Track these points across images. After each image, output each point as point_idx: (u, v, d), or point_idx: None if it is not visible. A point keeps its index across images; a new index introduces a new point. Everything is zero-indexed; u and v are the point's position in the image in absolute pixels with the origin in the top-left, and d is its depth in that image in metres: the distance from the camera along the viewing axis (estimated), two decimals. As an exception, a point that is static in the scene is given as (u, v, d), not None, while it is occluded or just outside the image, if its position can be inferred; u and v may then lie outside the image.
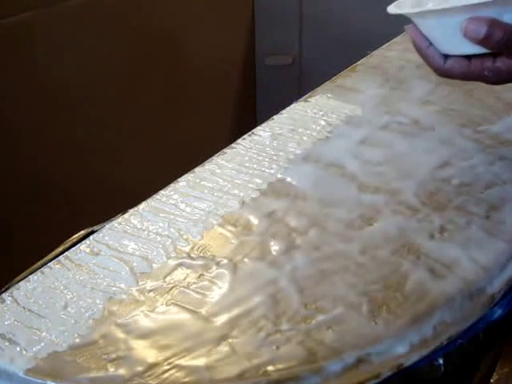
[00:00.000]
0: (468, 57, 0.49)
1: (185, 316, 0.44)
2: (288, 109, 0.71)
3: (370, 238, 0.51)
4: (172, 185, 0.59)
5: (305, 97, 0.74)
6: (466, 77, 0.50)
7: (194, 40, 1.33)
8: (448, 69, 0.50)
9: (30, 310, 0.45)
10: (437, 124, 0.66)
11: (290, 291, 0.46)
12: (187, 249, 0.50)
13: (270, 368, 0.40)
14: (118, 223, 0.54)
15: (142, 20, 1.21)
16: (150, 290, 0.46)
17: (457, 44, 0.48)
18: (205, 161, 0.62)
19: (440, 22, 0.49)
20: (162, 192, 0.58)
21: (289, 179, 0.58)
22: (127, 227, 0.53)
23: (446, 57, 0.50)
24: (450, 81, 0.53)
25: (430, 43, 0.51)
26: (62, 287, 0.47)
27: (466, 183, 0.56)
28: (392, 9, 0.52)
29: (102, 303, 0.46)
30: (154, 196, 0.57)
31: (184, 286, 0.47)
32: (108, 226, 0.54)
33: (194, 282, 0.47)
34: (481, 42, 0.47)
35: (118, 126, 1.20)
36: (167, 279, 0.47)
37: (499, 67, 0.48)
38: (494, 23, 0.46)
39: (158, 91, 1.29)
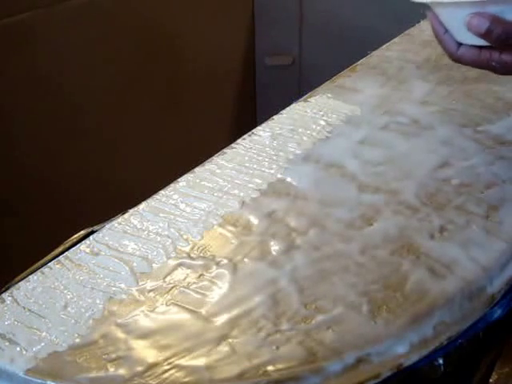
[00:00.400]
0: (480, 46, 0.51)
1: (185, 316, 0.44)
2: (288, 109, 0.71)
3: (370, 237, 0.51)
4: (172, 185, 0.59)
5: (305, 97, 0.74)
6: (476, 65, 0.53)
7: (194, 40, 1.33)
8: (460, 56, 0.53)
9: (30, 310, 0.45)
10: (437, 124, 0.66)
11: (290, 291, 0.46)
12: (187, 249, 0.51)
13: (270, 368, 0.40)
14: (118, 223, 0.54)
15: (141, 20, 1.21)
16: (150, 290, 0.46)
17: (466, 35, 0.51)
18: (205, 161, 0.62)
19: (451, 13, 0.52)
20: (161, 192, 0.58)
21: (289, 179, 0.59)
22: (127, 227, 0.53)
23: (460, 44, 0.53)
24: (449, 81, 0.53)
25: (447, 30, 0.53)
26: (62, 287, 0.47)
27: (465, 183, 0.56)
28: None
29: (102, 303, 0.46)
30: (154, 196, 0.57)
31: (184, 286, 0.47)
32: (108, 226, 0.54)
33: (194, 282, 0.47)
34: (482, 36, 0.49)
35: (117, 126, 1.20)
36: (167, 279, 0.47)
37: (505, 60, 0.50)
38: (495, 20, 0.49)
39: (157, 91, 1.29)
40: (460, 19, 0.50)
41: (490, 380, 0.46)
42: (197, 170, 0.61)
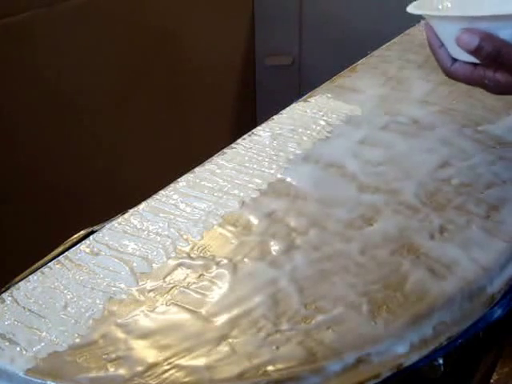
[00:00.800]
0: (474, 63, 0.50)
1: (185, 316, 0.44)
2: (288, 109, 0.71)
3: (370, 237, 0.51)
4: (172, 185, 0.59)
5: (305, 97, 0.74)
6: (469, 82, 0.52)
7: (194, 40, 1.33)
8: (453, 71, 0.52)
9: (30, 310, 0.45)
10: (437, 124, 0.66)
11: (290, 291, 0.46)
12: (187, 249, 0.50)
13: (270, 368, 0.40)
14: (118, 223, 0.54)
15: (141, 20, 1.21)
16: (150, 290, 0.46)
17: (460, 50, 0.49)
18: (205, 161, 0.62)
19: (445, 27, 0.51)
20: (161, 192, 0.58)
21: (289, 179, 0.59)
22: (127, 227, 0.53)
23: (455, 60, 0.51)
24: (449, 81, 0.53)
25: (443, 43, 0.52)
26: (62, 287, 0.47)
27: (466, 183, 0.56)
28: (410, 8, 0.54)
29: (102, 303, 0.46)
30: (154, 196, 0.57)
31: (184, 286, 0.47)
32: (108, 225, 0.54)
33: (194, 282, 0.47)
34: (472, 53, 0.48)
35: (118, 126, 1.20)
36: (167, 279, 0.47)
37: (498, 79, 0.49)
38: (486, 37, 0.47)
39: (158, 91, 1.29)
40: (453, 34, 0.49)
41: (491, 380, 0.46)
42: (197, 170, 0.61)
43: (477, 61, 0.49)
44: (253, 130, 0.67)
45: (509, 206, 0.53)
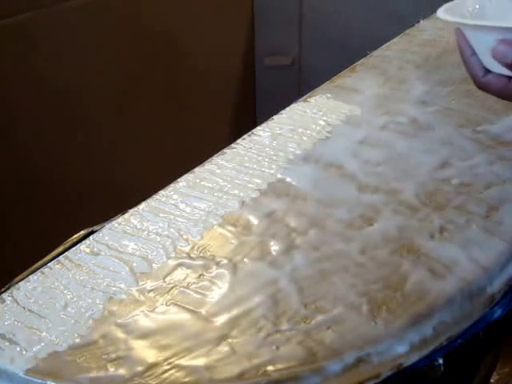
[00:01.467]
0: (510, 76, 0.48)
1: (185, 316, 0.44)
2: (288, 109, 0.71)
3: (370, 237, 0.51)
4: (172, 185, 0.59)
5: (304, 97, 0.74)
6: (501, 95, 0.49)
7: (194, 40, 1.33)
8: (485, 82, 0.50)
9: (30, 310, 0.45)
10: (436, 124, 0.66)
11: (290, 291, 0.46)
12: (187, 249, 0.51)
13: (270, 368, 0.40)
14: (118, 223, 0.54)
15: (141, 20, 1.21)
16: (150, 290, 0.46)
17: (494, 61, 0.47)
18: (205, 161, 0.62)
19: (480, 36, 0.49)
20: (161, 192, 0.58)
21: (289, 179, 0.59)
22: (127, 227, 0.53)
23: (488, 70, 0.49)
24: (449, 81, 0.53)
25: (474, 52, 0.50)
26: (62, 287, 0.47)
27: (465, 183, 0.56)
28: (441, 13, 0.51)
29: (102, 303, 0.46)
30: (154, 196, 0.57)
31: (184, 286, 0.47)
32: (108, 225, 0.54)
33: (194, 282, 0.47)
34: (509, 67, 0.46)
35: (118, 127, 1.20)
36: (167, 279, 0.47)
37: None
38: None
39: (157, 92, 1.29)
40: (488, 44, 0.47)
41: (491, 380, 0.46)
42: (197, 170, 0.61)
43: (503, 73, 0.47)
44: (253, 130, 0.67)
45: (508, 205, 0.53)
